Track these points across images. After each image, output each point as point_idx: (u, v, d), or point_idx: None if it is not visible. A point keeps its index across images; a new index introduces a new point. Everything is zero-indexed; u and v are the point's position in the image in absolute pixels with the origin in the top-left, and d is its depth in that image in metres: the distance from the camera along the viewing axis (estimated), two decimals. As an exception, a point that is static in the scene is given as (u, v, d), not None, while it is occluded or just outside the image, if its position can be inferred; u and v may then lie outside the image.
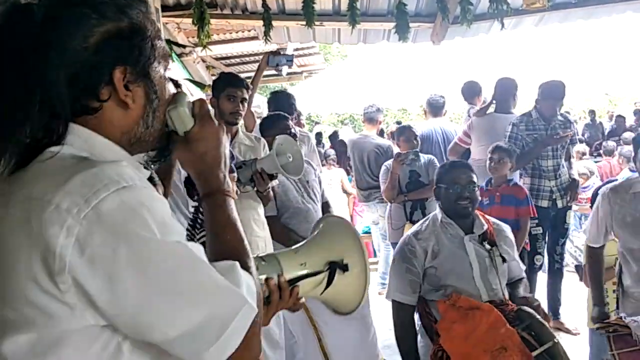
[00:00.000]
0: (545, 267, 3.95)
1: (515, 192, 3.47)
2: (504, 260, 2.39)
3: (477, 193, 2.43)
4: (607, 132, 10.78)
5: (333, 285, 1.15)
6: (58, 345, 0.71)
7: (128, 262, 0.69)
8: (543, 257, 3.79)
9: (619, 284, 2.48)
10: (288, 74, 7.93)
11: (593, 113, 11.77)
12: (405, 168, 3.96)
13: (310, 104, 9.15)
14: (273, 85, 10.31)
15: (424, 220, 2.51)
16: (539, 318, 2.18)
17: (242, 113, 2.76)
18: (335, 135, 8.97)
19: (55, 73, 0.75)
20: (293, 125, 3.04)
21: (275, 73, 6.50)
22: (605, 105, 14.76)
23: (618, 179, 3.31)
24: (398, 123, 9.41)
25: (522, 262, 3.38)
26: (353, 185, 5.59)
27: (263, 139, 2.88)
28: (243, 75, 3.84)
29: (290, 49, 5.89)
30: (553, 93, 3.76)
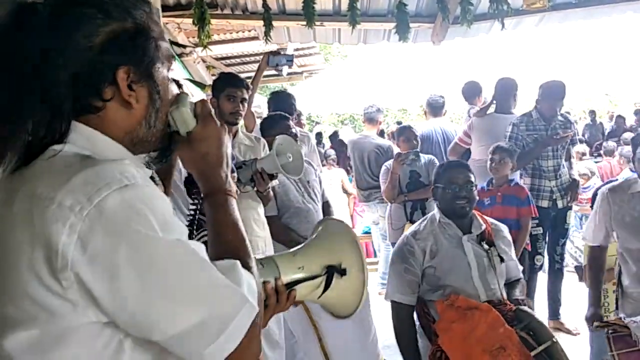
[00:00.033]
0: (546, 267, 3.95)
1: (517, 192, 3.47)
2: (502, 260, 2.39)
3: (474, 193, 2.43)
4: (607, 132, 10.79)
5: (330, 289, 1.14)
6: (60, 342, 0.72)
7: (129, 260, 0.70)
8: (543, 257, 3.79)
9: (618, 285, 2.48)
10: (288, 74, 7.92)
11: (593, 113, 11.77)
12: (406, 168, 3.96)
13: (311, 104, 9.16)
14: (273, 85, 10.30)
15: (422, 220, 2.51)
16: (538, 317, 2.19)
17: (242, 113, 2.76)
18: (336, 135, 8.97)
19: (59, 72, 0.76)
20: (293, 125, 3.04)
21: (276, 73, 6.49)
22: (606, 106, 14.75)
23: (618, 179, 3.30)
24: (398, 123, 9.42)
25: (523, 262, 3.41)
26: (353, 186, 5.59)
27: (263, 139, 2.88)
28: (243, 75, 3.84)
29: (291, 49, 5.88)
30: (553, 93, 3.76)
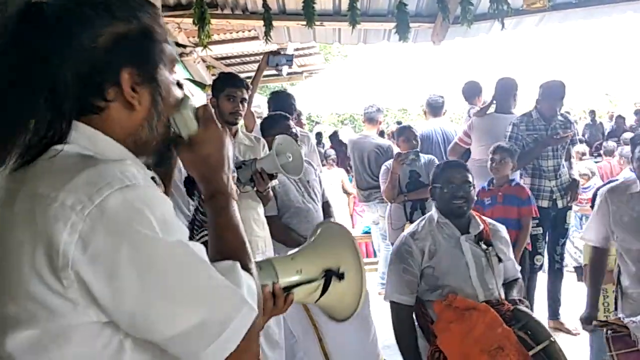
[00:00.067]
0: (546, 267, 3.95)
1: (518, 192, 3.48)
2: (500, 260, 2.39)
3: (472, 192, 2.44)
4: (607, 132, 10.79)
5: (328, 293, 1.15)
6: (61, 341, 0.72)
7: (129, 260, 0.70)
8: (543, 257, 3.79)
9: (618, 285, 2.48)
10: (288, 74, 7.92)
11: (593, 113, 11.77)
12: (406, 168, 3.96)
13: (311, 104, 9.16)
14: (273, 85, 10.30)
15: (420, 220, 2.51)
16: (535, 317, 2.19)
17: (242, 113, 2.76)
18: (335, 135, 8.97)
19: (62, 71, 0.76)
20: (294, 125, 3.03)
21: (276, 73, 6.49)
22: (606, 106, 14.73)
23: (619, 179, 3.30)
24: (398, 123, 9.42)
25: (523, 262, 3.41)
26: (353, 185, 5.59)
27: (262, 139, 2.88)
28: (243, 75, 3.84)
29: (291, 49, 5.88)
30: (553, 93, 3.76)
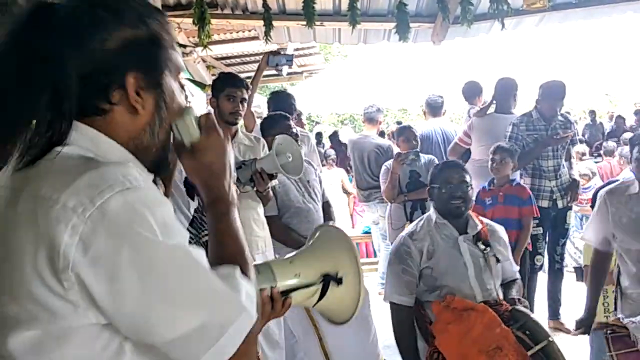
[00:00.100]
0: (546, 267, 3.95)
1: (519, 192, 3.48)
2: (498, 261, 2.40)
3: (470, 193, 2.44)
4: (607, 132, 10.79)
5: (326, 298, 1.15)
6: (62, 343, 0.72)
7: (129, 262, 0.70)
8: (543, 257, 3.79)
9: (617, 285, 2.48)
10: (288, 74, 7.92)
11: (593, 113, 11.76)
12: (406, 168, 3.96)
13: (311, 104, 9.16)
14: (273, 85, 10.30)
15: (419, 221, 2.51)
16: (534, 317, 2.19)
17: (241, 113, 2.76)
18: (335, 135, 8.97)
19: (68, 71, 0.76)
20: (294, 125, 3.03)
21: (276, 73, 6.49)
22: (606, 106, 14.72)
23: (619, 180, 3.30)
24: (398, 123, 9.42)
25: (523, 262, 3.42)
26: (353, 185, 5.59)
27: (262, 139, 2.88)
28: (243, 75, 3.84)
29: (291, 49, 5.88)
30: (553, 93, 3.76)
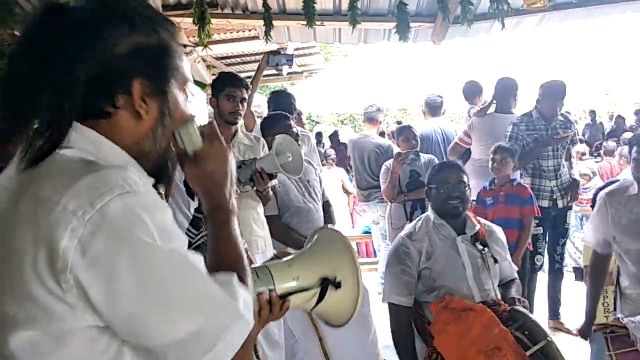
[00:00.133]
0: (546, 267, 3.95)
1: (520, 192, 3.48)
2: (496, 261, 2.40)
3: (467, 193, 2.45)
4: (607, 132, 10.78)
5: (324, 302, 1.16)
6: (61, 345, 0.72)
7: (127, 266, 0.71)
8: (543, 257, 3.79)
9: (617, 286, 2.48)
10: (289, 74, 7.91)
11: (593, 113, 11.77)
12: (406, 168, 3.96)
13: (311, 104, 9.16)
14: (273, 85, 10.30)
15: (417, 222, 2.51)
16: (532, 317, 2.19)
17: (241, 113, 2.76)
18: (336, 135, 8.97)
19: (76, 71, 0.77)
20: (295, 125, 3.03)
21: (276, 73, 6.49)
22: (606, 106, 14.72)
23: (620, 180, 3.30)
24: (398, 123, 9.42)
25: (524, 262, 3.42)
26: (354, 185, 5.58)
27: (262, 139, 2.88)
28: (243, 75, 3.84)
29: (291, 49, 5.88)
30: (554, 93, 3.76)
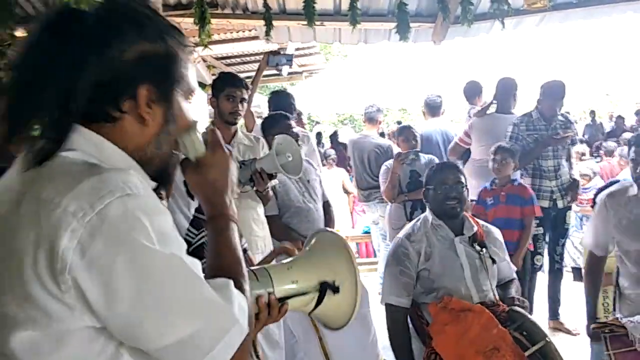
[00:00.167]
0: (546, 267, 3.95)
1: (520, 191, 3.48)
2: (494, 262, 2.40)
3: (464, 193, 2.45)
4: (607, 132, 10.79)
5: (323, 305, 1.17)
6: (59, 345, 0.73)
7: (125, 268, 0.71)
8: (543, 257, 3.79)
9: (616, 286, 2.48)
10: (288, 74, 7.91)
11: (593, 113, 11.78)
12: (406, 168, 3.96)
13: (311, 104, 9.16)
14: (273, 85, 10.30)
15: (415, 222, 2.51)
16: (531, 318, 2.19)
17: (241, 113, 2.76)
18: (335, 135, 8.97)
19: (85, 74, 0.78)
20: (295, 125, 3.03)
21: (276, 73, 6.49)
22: (606, 106, 14.73)
23: (620, 180, 3.31)
24: (398, 123, 9.42)
25: (524, 262, 3.42)
26: (354, 185, 5.58)
27: (262, 139, 2.88)
28: (243, 75, 3.84)
29: (291, 49, 5.87)
30: (554, 93, 3.76)
